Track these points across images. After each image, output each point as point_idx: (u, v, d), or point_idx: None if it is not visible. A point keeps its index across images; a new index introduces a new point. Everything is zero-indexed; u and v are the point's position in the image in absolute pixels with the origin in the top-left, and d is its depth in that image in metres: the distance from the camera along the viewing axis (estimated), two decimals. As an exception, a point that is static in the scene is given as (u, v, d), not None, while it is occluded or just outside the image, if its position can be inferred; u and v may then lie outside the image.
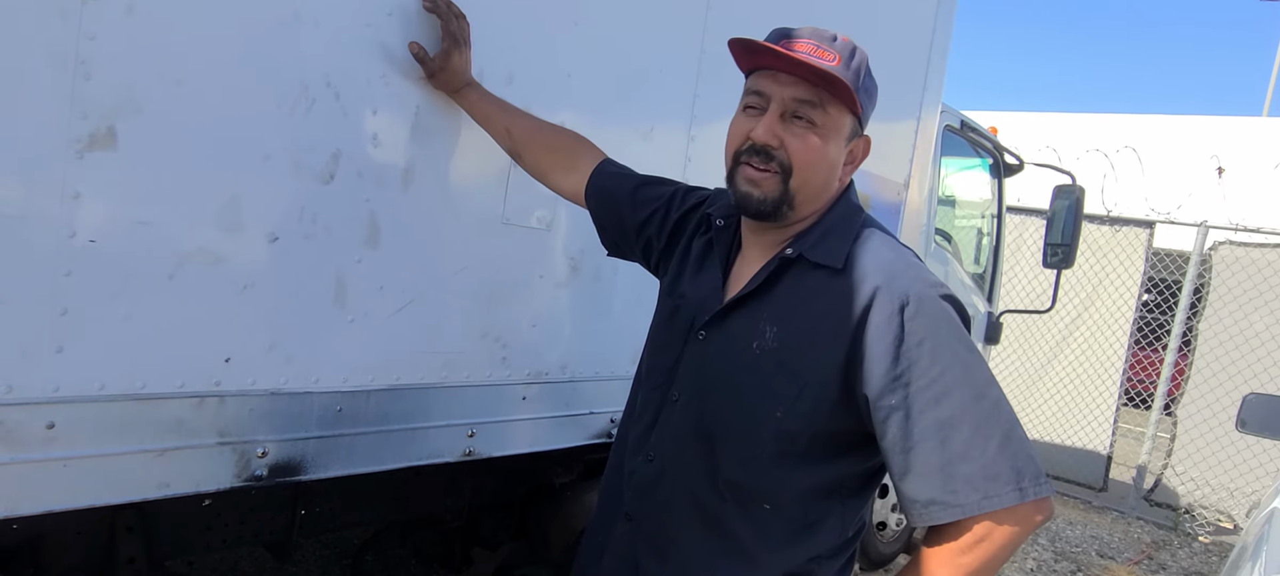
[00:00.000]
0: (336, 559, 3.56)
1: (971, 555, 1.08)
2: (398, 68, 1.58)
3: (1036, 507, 1.09)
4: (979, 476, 1.06)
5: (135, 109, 1.25)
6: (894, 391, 1.09)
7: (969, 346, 1.11)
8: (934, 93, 3.19)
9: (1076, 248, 4.37)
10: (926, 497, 1.09)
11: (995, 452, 1.07)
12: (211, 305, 1.40)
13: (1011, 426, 1.09)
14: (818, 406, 1.14)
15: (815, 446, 1.17)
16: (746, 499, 1.20)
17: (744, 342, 1.20)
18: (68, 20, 1.17)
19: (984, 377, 1.10)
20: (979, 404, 1.08)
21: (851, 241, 1.19)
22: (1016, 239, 7.08)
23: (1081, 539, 5.67)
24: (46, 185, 1.19)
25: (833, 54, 1.16)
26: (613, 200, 1.54)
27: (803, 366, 1.15)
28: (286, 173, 1.45)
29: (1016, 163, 4.68)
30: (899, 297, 1.10)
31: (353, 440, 1.65)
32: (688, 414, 1.26)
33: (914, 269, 1.16)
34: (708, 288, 1.30)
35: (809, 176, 1.18)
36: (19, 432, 1.22)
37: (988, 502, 1.06)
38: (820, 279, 1.18)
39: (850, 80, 1.15)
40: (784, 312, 1.19)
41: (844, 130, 1.20)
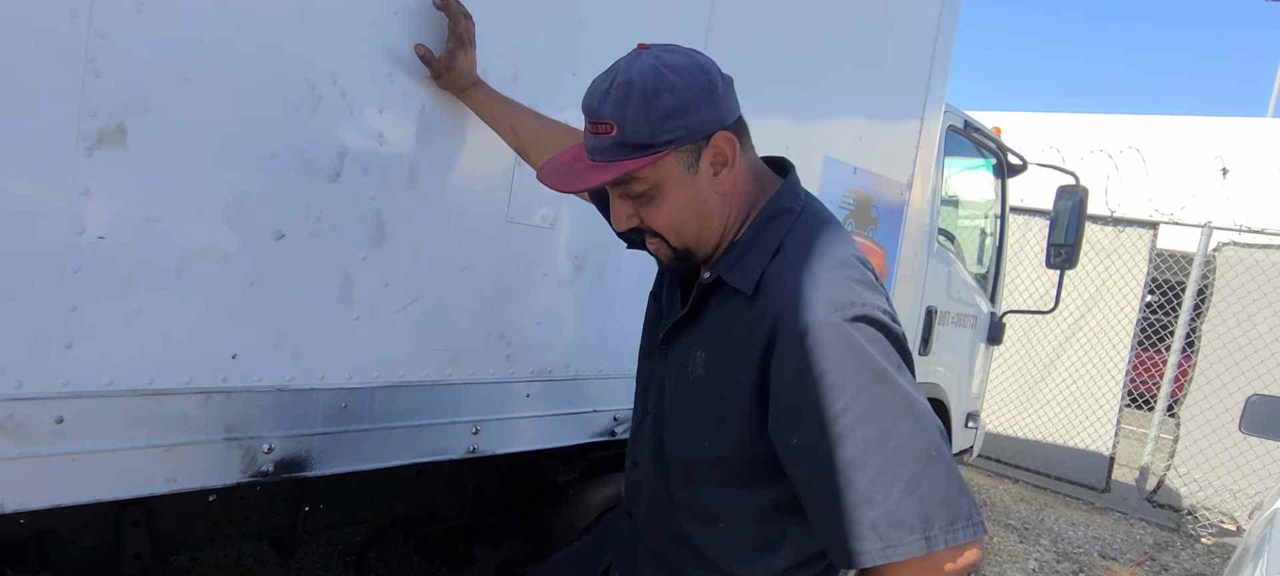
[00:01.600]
0: (339, 555, 3.57)
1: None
2: (403, 66, 1.59)
3: (950, 555, 0.99)
4: (883, 524, 0.98)
5: (144, 106, 1.26)
6: (795, 430, 1.04)
7: (877, 376, 1.00)
8: (937, 93, 3.19)
9: (1080, 248, 4.36)
10: (834, 543, 1.02)
11: (899, 498, 0.98)
12: (218, 302, 1.41)
13: (922, 466, 0.99)
14: (741, 434, 1.12)
15: (753, 468, 1.14)
16: (699, 518, 1.21)
17: (682, 367, 1.20)
18: (78, 18, 1.18)
19: (893, 412, 1.00)
20: (883, 443, 0.99)
21: (769, 258, 1.12)
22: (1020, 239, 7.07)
23: (1084, 540, 5.67)
24: (56, 182, 1.20)
25: (608, 125, 1.06)
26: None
27: (724, 396, 1.13)
28: (293, 170, 1.46)
29: (1020, 163, 4.67)
30: (799, 329, 1.02)
31: (358, 437, 1.66)
32: (654, 429, 1.29)
33: (822, 291, 1.04)
34: (674, 299, 1.30)
35: (681, 232, 1.14)
36: (28, 427, 1.23)
37: (892, 552, 0.97)
38: (737, 304, 1.13)
39: (635, 136, 1.05)
40: (710, 339, 1.17)
41: (674, 170, 1.09)
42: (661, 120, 1.05)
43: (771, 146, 2.44)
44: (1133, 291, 6.77)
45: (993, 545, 5.23)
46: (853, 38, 2.68)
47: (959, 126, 4.07)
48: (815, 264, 1.08)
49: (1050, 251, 4.45)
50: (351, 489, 2.07)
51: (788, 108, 2.47)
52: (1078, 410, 7.08)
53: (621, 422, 2.25)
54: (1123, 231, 6.86)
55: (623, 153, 1.06)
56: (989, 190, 4.77)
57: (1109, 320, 6.92)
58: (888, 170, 3.02)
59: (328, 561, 3.52)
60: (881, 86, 2.92)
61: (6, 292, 1.18)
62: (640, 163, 1.06)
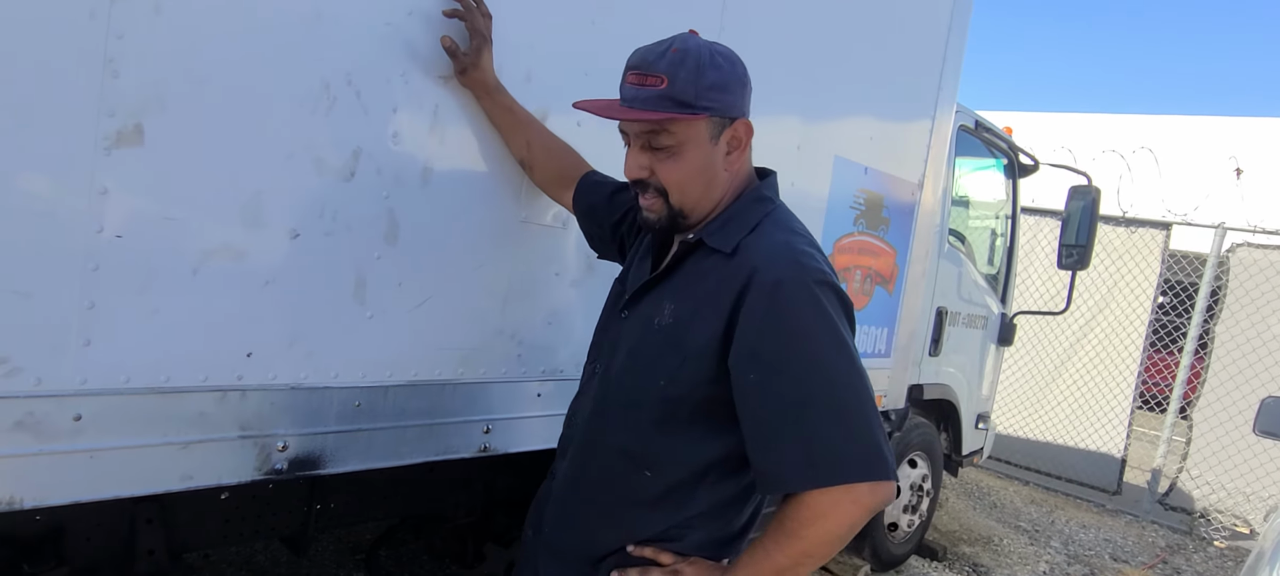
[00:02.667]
0: (350, 553, 3.59)
1: (811, 530, 1.15)
2: (418, 66, 1.60)
3: (871, 490, 1.14)
4: (819, 456, 1.13)
5: (162, 106, 1.27)
6: (752, 366, 1.17)
7: (833, 334, 1.16)
8: (949, 92, 3.18)
9: (1092, 249, 4.34)
10: (769, 471, 1.18)
11: (839, 434, 1.14)
12: (234, 300, 1.42)
13: (861, 411, 1.15)
14: (696, 374, 1.23)
15: (696, 416, 1.26)
16: (630, 462, 1.30)
17: (647, 320, 1.31)
18: (97, 19, 1.19)
19: (842, 367, 1.16)
20: (830, 389, 1.15)
21: (748, 231, 1.26)
22: (1031, 240, 7.04)
23: (1095, 542, 5.64)
24: (75, 181, 1.21)
25: (659, 77, 1.20)
26: (593, 208, 1.67)
27: (686, 338, 1.25)
28: (308, 170, 1.47)
29: (1032, 163, 4.66)
30: (773, 279, 1.17)
31: (371, 435, 1.66)
32: (603, 384, 1.37)
33: (795, 255, 1.21)
34: (642, 272, 1.41)
35: (685, 190, 1.27)
36: (47, 424, 1.24)
37: (822, 478, 1.13)
38: (714, 262, 1.27)
39: (682, 94, 1.20)
40: (682, 292, 1.29)
41: (701, 136, 1.25)
42: (707, 89, 1.22)
43: (783, 145, 2.45)
44: (1145, 292, 6.73)
45: (1002, 547, 5.21)
46: (864, 38, 2.67)
47: (970, 126, 4.06)
48: (790, 238, 1.26)
49: (1062, 252, 4.43)
50: (362, 487, 2.08)
51: (799, 107, 2.47)
52: (1089, 412, 7.04)
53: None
54: (1135, 232, 6.82)
55: (666, 105, 1.20)
56: (1000, 190, 4.75)
57: (1121, 321, 6.88)
58: (899, 170, 3.02)
59: (339, 559, 3.54)
60: (893, 86, 2.91)
61: (25, 290, 1.19)
62: (682, 116, 1.21)
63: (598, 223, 1.67)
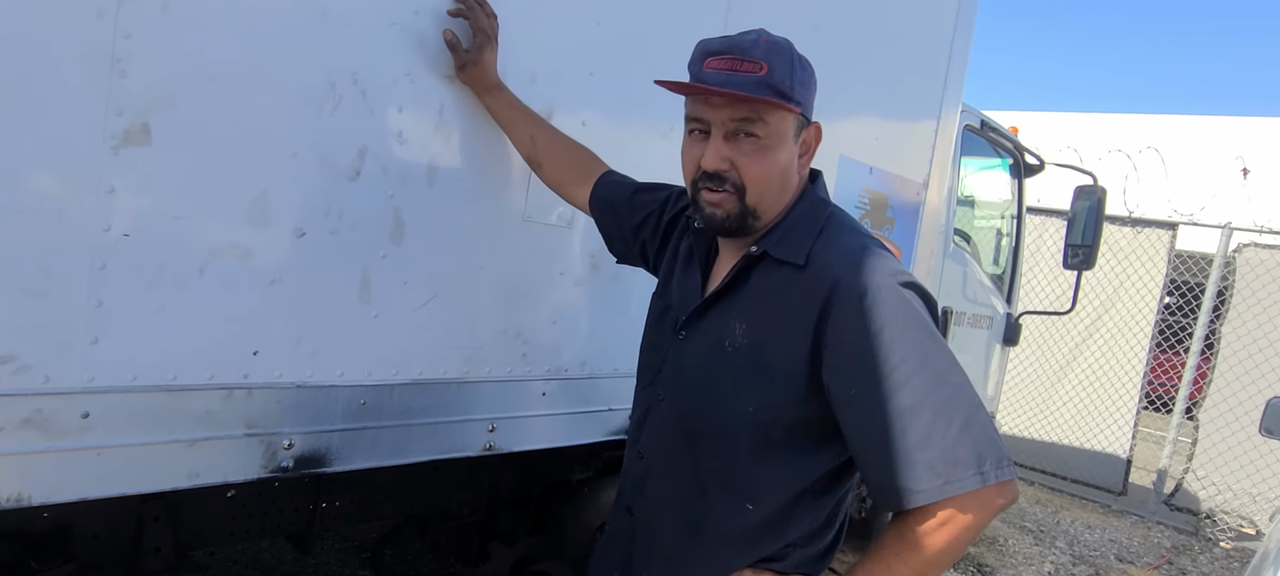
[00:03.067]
0: (355, 552, 3.60)
1: (935, 537, 1.09)
2: (423, 65, 1.61)
3: (998, 491, 1.09)
4: (940, 462, 1.07)
5: (169, 105, 1.28)
6: (854, 381, 1.11)
7: (929, 333, 1.12)
8: (954, 92, 3.18)
9: (1098, 249, 4.32)
10: (890, 485, 1.10)
11: (956, 437, 1.07)
12: (240, 299, 1.42)
13: (973, 411, 1.09)
14: (788, 395, 1.17)
15: (787, 439, 1.20)
16: (728, 496, 1.24)
17: (716, 340, 1.24)
18: (104, 19, 1.20)
19: (944, 364, 1.11)
20: (939, 390, 1.09)
21: (815, 237, 1.21)
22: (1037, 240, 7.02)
23: (1100, 542, 5.63)
24: (83, 180, 1.22)
25: (757, 64, 1.14)
26: (613, 208, 1.61)
27: (771, 358, 1.18)
28: (314, 169, 1.47)
29: (1037, 163, 4.64)
30: (858, 289, 1.12)
31: (376, 433, 1.67)
32: (671, 411, 1.31)
33: (874, 259, 1.17)
34: (689, 288, 1.35)
35: (764, 189, 1.20)
36: (55, 421, 1.25)
37: (950, 487, 1.07)
38: (785, 274, 1.21)
39: (779, 84, 1.15)
40: (752, 309, 1.22)
41: (789, 132, 1.21)
42: (800, 83, 1.18)
43: (787, 146, 2.44)
44: (1151, 292, 6.71)
45: (1007, 547, 5.20)
46: (870, 37, 2.67)
47: (976, 126, 4.05)
48: (862, 241, 1.20)
49: (1067, 252, 4.42)
50: (368, 486, 2.09)
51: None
52: (1094, 412, 7.02)
53: (633, 422, 2.25)
54: (1141, 232, 6.80)
55: (767, 91, 1.14)
56: (1005, 190, 4.74)
57: (1127, 321, 6.86)
58: (904, 170, 3.01)
59: (344, 558, 3.55)
60: (898, 86, 2.91)
61: (35, 289, 1.20)
62: (784, 105, 1.16)
63: (617, 224, 1.60)
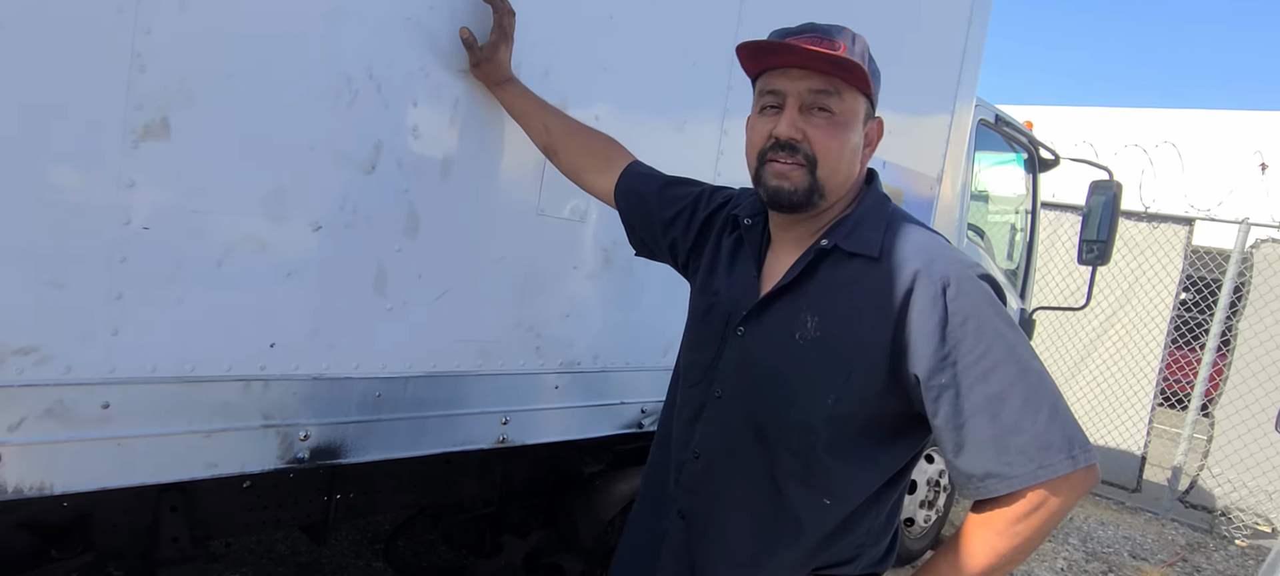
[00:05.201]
0: (369, 543, 3.63)
1: (1026, 523, 1.10)
2: (438, 60, 1.61)
3: (1086, 474, 1.11)
4: (1033, 447, 1.08)
5: (187, 100, 1.29)
6: (943, 370, 1.11)
7: (1010, 322, 1.14)
8: (968, 87, 3.16)
9: (1113, 244, 4.29)
10: (982, 471, 1.11)
11: (1046, 422, 1.09)
12: (258, 291, 1.44)
13: (1057, 397, 1.11)
14: (867, 388, 1.17)
15: (865, 432, 1.19)
16: (804, 491, 1.22)
17: (785, 334, 1.22)
18: (124, 14, 1.21)
19: (1027, 352, 1.13)
20: (1025, 376, 1.11)
21: (883, 230, 1.22)
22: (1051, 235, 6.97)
23: (1114, 539, 5.60)
24: (104, 174, 1.24)
25: (836, 43, 1.17)
26: (641, 200, 1.57)
27: (849, 351, 1.17)
28: (329, 163, 1.49)
29: (1052, 158, 4.61)
30: (940, 280, 1.13)
31: (391, 425, 1.69)
32: (734, 409, 1.28)
33: (949, 252, 1.19)
34: (742, 284, 1.32)
35: (835, 165, 1.20)
36: (76, 411, 1.27)
37: (1043, 471, 1.08)
38: (857, 267, 1.20)
39: (859, 64, 1.17)
40: (823, 302, 1.21)
41: (860, 114, 1.22)
42: (873, 73, 1.22)
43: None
44: (1167, 288, 6.65)
45: (1020, 543, 5.17)
46: (882, 30, 2.65)
47: (990, 120, 4.03)
48: (931, 236, 1.22)
49: (1082, 247, 4.38)
50: (381, 478, 2.11)
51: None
52: (1109, 408, 6.97)
53: (649, 415, 2.26)
54: (1157, 227, 6.73)
55: (848, 66, 1.16)
56: (1020, 185, 4.71)
57: (1142, 317, 6.81)
58: (917, 164, 3.00)
59: (358, 549, 3.58)
60: (912, 80, 2.90)
61: (56, 281, 1.22)
62: (861, 85, 1.19)
63: (645, 218, 1.56)
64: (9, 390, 1.20)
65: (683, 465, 1.34)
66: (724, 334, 1.31)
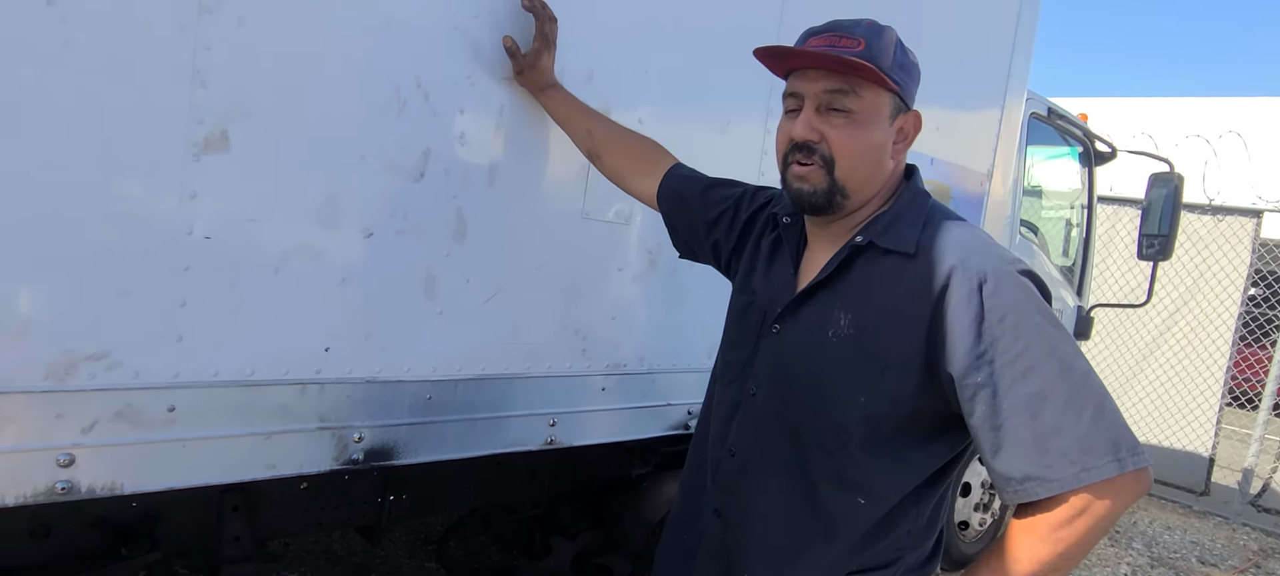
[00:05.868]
0: (422, 544, 3.69)
1: (1070, 529, 1.06)
2: (484, 68, 1.65)
3: (1135, 478, 1.06)
4: (1075, 449, 1.04)
5: (245, 114, 1.34)
6: (979, 369, 1.08)
7: (1052, 320, 1.10)
8: (1019, 79, 3.09)
9: (1174, 238, 4.15)
10: (1021, 473, 1.07)
11: (1089, 423, 1.05)
12: (313, 297, 1.48)
13: (1104, 397, 1.07)
14: (900, 387, 1.15)
15: (899, 431, 1.17)
16: (838, 490, 1.20)
17: (819, 331, 1.21)
18: (186, 33, 1.27)
19: (1071, 350, 1.08)
20: (1068, 375, 1.06)
21: (921, 226, 1.19)
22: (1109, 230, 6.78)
23: (1181, 544, 5.41)
24: (167, 187, 1.29)
25: (856, 40, 1.15)
26: (683, 202, 1.58)
27: (882, 348, 1.15)
28: (380, 171, 1.53)
29: (1108, 150, 4.49)
30: (976, 276, 1.10)
31: (442, 427, 1.72)
32: (767, 407, 1.27)
33: (989, 246, 1.15)
34: (779, 282, 1.32)
35: (854, 164, 1.19)
36: (144, 415, 1.32)
37: (1086, 475, 1.04)
38: (893, 264, 1.18)
39: (877, 61, 1.15)
40: (858, 299, 1.20)
41: (883, 111, 1.19)
42: (899, 66, 1.18)
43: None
44: (1234, 283, 6.41)
45: (1081, 548, 5.03)
46: (930, 24, 2.62)
47: (1042, 114, 3.93)
48: (971, 231, 1.19)
49: (1142, 242, 4.26)
50: (433, 479, 2.14)
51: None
52: (1174, 409, 6.74)
53: (696, 416, 2.26)
54: (1222, 220, 6.49)
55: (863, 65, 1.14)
56: (1075, 179, 4.60)
57: (1208, 314, 6.57)
58: (966, 160, 2.95)
59: (411, 549, 3.64)
60: (960, 74, 2.85)
61: (124, 289, 1.27)
62: (878, 80, 1.16)
63: (687, 220, 1.58)
64: (82, 394, 1.26)
65: (719, 463, 1.34)
66: (760, 332, 1.31)
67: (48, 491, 1.25)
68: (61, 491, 1.26)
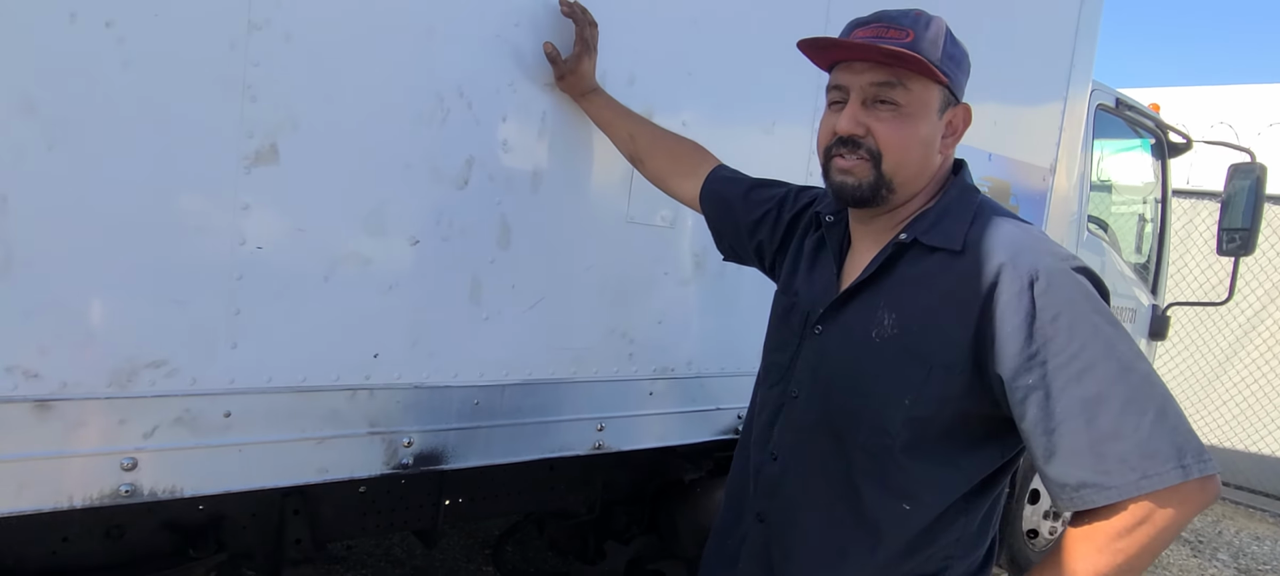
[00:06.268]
0: (479, 548, 3.74)
1: (1130, 539, 1.00)
2: (526, 75, 1.66)
3: (1201, 486, 1.00)
4: (1135, 454, 0.99)
5: (294, 126, 1.38)
6: (1031, 370, 1.03)
7: (1109, 319, 1.04)
8: (1083, 70, 2.98)
9: (1257, 232, 3.96)
10: (1076, 480, 1.02)
11: (1151, 428, 0.99)
12: (361, 304, 1.51)
13: (1166, 400, 1.01)
14: (947, 389, 1.11)
15: (947, 435, 1.13)
16: (883, 495, 1.17)
17: (862, 332, 1.18)
18: (236, 50, 1.31)
19: (1130, 351, 1.03)
20: (1127, 377, 1.01)
21: (969, 222, 1.15)
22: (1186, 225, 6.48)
23: (1270, 555, 5.12)
24: (220, 199, 1.33)
25: (903, 31, 1.12)
26: (726, 204, 1.57)
27: (927, 349, 1.12)
28: (425, 179, 1.55)
29: (1182, 141, 4.30)
30: (1027, 273, 1.05)
31: (490, 432, 1.74)
32: (810, 409, 1.25)
33: (1040, 242, 1.11)
34: (822, 282, 1.29)
35: (901, 158, 1.16)
36: (202, 420, 1.37)
37: (1147, 482, 0.98)
38: (938, 261, 1.15)
39: (926, 52, 1.11)
40: (902, 298, 1.16)
41: (932, 104, 1.16)
42: (948, 57, 1.15)
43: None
44: (1325, 279, 6.06)
45: (1162, 559, 4.82)
46: (984, 14, 2.54)
47: (1109, 105, 3.79)
48: (1022, 227, 1.14)
49: (1222, 237, 4.07)
50: (488, 484, 2.17)
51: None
52: (1262, 411, 6.40)
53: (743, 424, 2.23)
54: (1312, 212, 6.15)
55: (911, 57, 1.11)
56: (1147, 172, 4.41)
57: (1296, 312, 6.23)
58: (1027, 155, 2.85)
59: (469, 553, 3.70)
60: (1018, 65, 2.76)
61: (181, 299, 1.32)
62: (927, 72, 1.12)
63: (731, 221, 1.56)
64: (143, 400, 1.31)
65: (761, 467, 1.32)
66: (802, 334, 1.28)
67: (113, 494, 1.31)
68: (125, 493, 1.31)
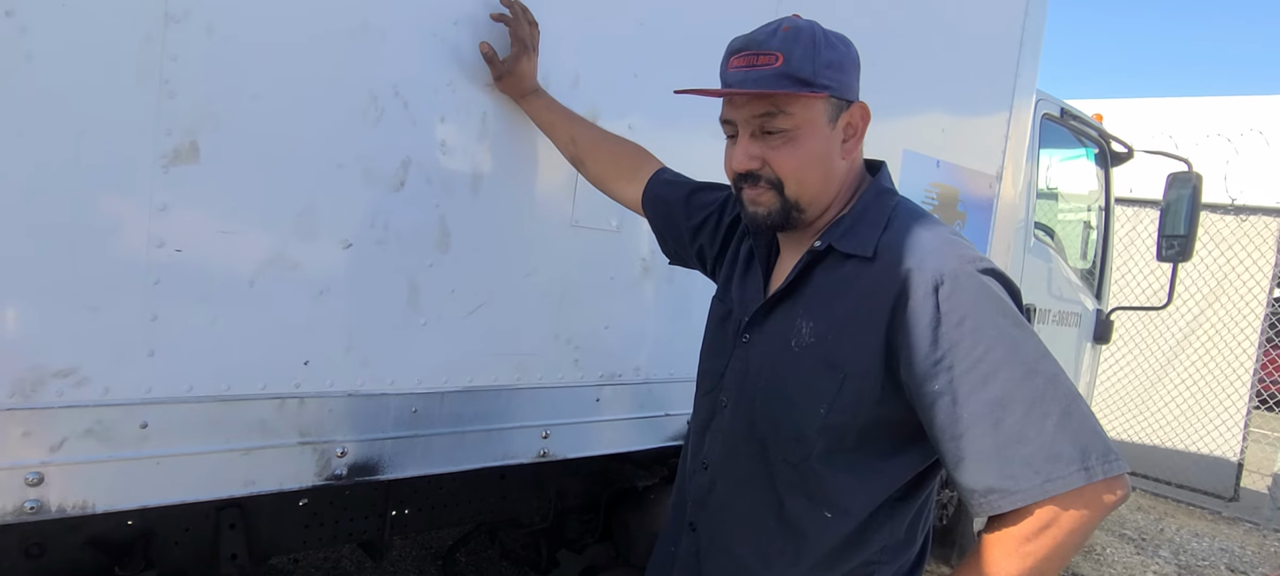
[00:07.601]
0: (431, 558, 3.66)
1: (1038, 542, 1.00)
2: (465, 75, 1.62)
3: (1108, 487, 1.00)
4: (1039, 458, 0.99)
5: (215, 124, 1.32)
6: (937, 376, 1.03)
7: (1016, 321, 1.04)
8: (1027, 80, 3.03)
9: (1194, 239, 4.08)
10: (984, 486, 1.02)
11: (1055, 430, 0.99)
12: (290, 310, 1.45)
13: (1072, 400, 1.01)
14: (861, 397, 1.10)
15: (865, 442, 1.12)
16: (805, 504, 1.16)
17: (782, 341, 1.18)
18: (152, 43, 1.25)
19: (1035, 353, 1.02)
20: (1031, 380, 1.00)
21: (882, 228, 1.14)
22: (1130, 232, 6.65)
23: (1209, 552, 5.26)
24: (135, 199, 1.27)
25: (772, 55, 1.10)
26: (668, 208, 1.55)
27: (841, 358, 1.11)
28: (358, 181, 1.50)
29: (1125, 151, 4.41)
30: (933, 277, 1.05)
31: (429, 440, 1.68)
32: (737, 418, 1.24)
33: (949, 245, 1.09)
34: (752, 290, 1.29)
35: (802, 180, 1.15)
36: (115, 431, 1.30)
37: (1051, 485, 0.98)
38: (853, 268, 1.14)
39: (798, 71, 1.10)
40: (817, 307, 1.16)
41: (819, 119, 1.14)
42: (824, 66, 1.12)
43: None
44: (1259, 284, 6.27)
45: (1106, 556, 4.92)
46: (932, 23, 2.57)
47: (1055, 115, 3.87)
48: (934, 230, 1.13)
49: (1161, 243, 4.19)
50: (437, 493, 2.12)
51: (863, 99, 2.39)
52: (1200, 412, 6.59)
53: (689, 431, 2.22)
54: (1246, 220, 6.36)
55: (784, 83, 1.10)
56: (1092, 181, 4.51)
57: (1233, 316, 6.42)
58: (975, 162, 2.89)
59: (420, 565, 3.62)
60: (965, 74, 2.79)
61: (93, 304, 1.25)
62: (800, 94, 1.11)
63: (673, 226, 1.55)
64: (50, 411, 1.24)
65: (693, 476, 1.31)
66: (734, 341, 1.27)
67: (16, 510, 1.23)
68: (31, 510, 1.24)
